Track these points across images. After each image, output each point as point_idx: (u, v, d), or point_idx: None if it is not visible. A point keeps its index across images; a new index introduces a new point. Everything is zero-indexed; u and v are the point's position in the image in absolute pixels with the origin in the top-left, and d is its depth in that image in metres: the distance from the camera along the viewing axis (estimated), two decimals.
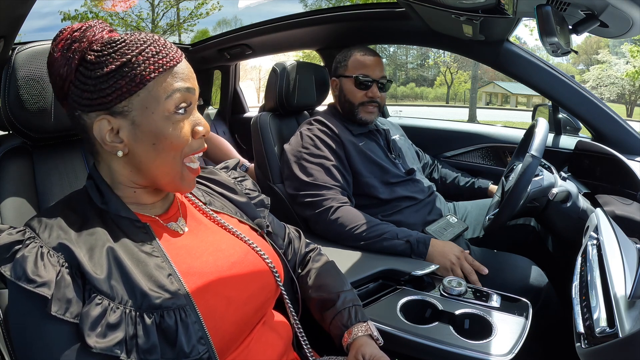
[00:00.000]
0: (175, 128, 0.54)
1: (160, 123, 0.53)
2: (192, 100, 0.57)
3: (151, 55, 0.52)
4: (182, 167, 0.57)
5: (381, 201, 1.23)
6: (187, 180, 0.59)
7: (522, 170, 0.97)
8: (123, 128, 0.53)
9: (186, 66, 0.56)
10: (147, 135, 0.54)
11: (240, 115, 2.58)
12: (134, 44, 0.52)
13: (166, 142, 0.54)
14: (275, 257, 0.68)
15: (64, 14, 9.62)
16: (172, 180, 0.57)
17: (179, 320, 0.50)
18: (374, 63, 1.29)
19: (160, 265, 0.53)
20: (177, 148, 0.55)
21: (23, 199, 0.69)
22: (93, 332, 0.46)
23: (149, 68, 0.52)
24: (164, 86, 0.53)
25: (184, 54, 0.57)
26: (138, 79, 0.52)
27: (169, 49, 0.55)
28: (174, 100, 0.54)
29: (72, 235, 0.51)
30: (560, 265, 1.17)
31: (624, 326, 0.55)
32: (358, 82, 1.28)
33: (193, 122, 0.57)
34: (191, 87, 0.56)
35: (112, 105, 0.52)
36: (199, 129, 0.57)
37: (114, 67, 0.51)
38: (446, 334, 0.76)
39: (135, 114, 0.53)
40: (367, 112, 1.29)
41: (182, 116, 0.55)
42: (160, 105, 0.53)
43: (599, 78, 16.78)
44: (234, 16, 14.62)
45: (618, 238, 0.74)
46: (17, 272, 0.46)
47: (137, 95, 0.52)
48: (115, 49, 0.52)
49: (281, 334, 0.67)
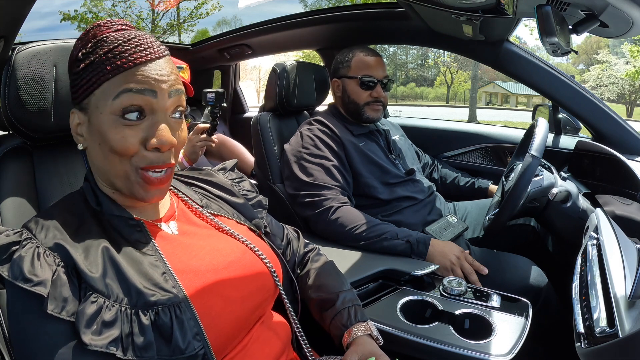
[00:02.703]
0: (118, 133, 0.51)
1: (105, 125, 0.52)
2: (151, 107, 0.52)
3: (113, 56, 0.52)
4: (135, 175, 0.54)
5: (381, 201, 1.23)
6: (142, 190, 0.54)
7: (522, 170, 0.97)
8: (83, 123, 0.55)
9: (155, 68, 0.53)
10: (95, 135, 0.54)
11: (240, 115, 2.58)
12: (107, 44, 0.53)
13: (108, 145, 0.52)
14: (274, 257, 0.68)
15: (63, 14, 9.64)
16: (125, 186, 0.55)
17: (173, 316, 0.50)
18: (377, 63, 1.30)
19: (154, 263, 0.54)
20: (122, 154, 0.52)
21: (23, 199, 0.69)
22: (88, 330, 0.46)
23: (106, 68, 0.52)
24: (115, 87, 0.51)
25: (162, 55, 0.54)
26: (95, 79, 0.52)
27: (142, 49, 0.52)
28: (121, 101, 0.51)
29: (68, 236, 0.51)
30: (560, 265, 1.17)
31: (624, 326, 0.55)
32: (362, 83, 1.28)
33: (146, 131, 0.52)
34: (150, 89, 0.52)
35: (79, 101, 0.55)
36: (152, 140, 0.52)
37: (84, 66, 0.53)
38: (446, 334, 0.76)
39: (91, 111, 0.54)
40: (374, 110, 1.30)
41: (132, 122, 0.52)
42: (107, 106, 0.52)
43: (599, 78, 16.79)
44: (234, 16, 14.66)
45: (618, 238, 0.74)
46: (14, 272, 0.46)
47: (93, 95, 0.53)
48: (94, 48, 0.53)
49: (280, 334, 0.67)
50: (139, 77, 0.52)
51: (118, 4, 10.47)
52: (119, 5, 10.50)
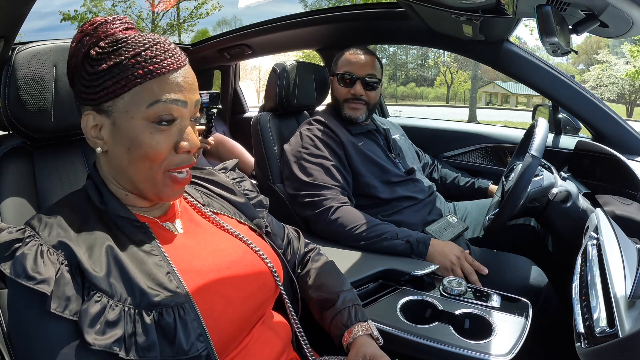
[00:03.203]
0: (153, 139, 0.52)
1: (138, 130, 0.52)
2: (181, 115, 0.54)
3: (143, 60, 0.51)
4: (162, 177, 0.55)
5: (381, 201, 1.23)
6: (169, 190, 0.56)
7: (522, 170, 0.97)
8: (105, 127, 0.54)
9: (183, 76, 0.54)
10: (124, 139, 0.53)
11: (240, 115, 2.58)
12: (132, 46, 0.52)
13: (140, 150, 0.53)
14: (275, 257, 0.68)
15: (63, 14, 9.63)
16: (151, 188, 0.56)
17: (177, 317, 0.50)
18: (361, 61, 1.29)
19: (158, 263, 0.53)
20: (153, 159, 0.53)
21: (23, 199, 0.69)
22: (92, 330, 0.46)
23: (137, 72, 0.51)
24: (148, 93, 0.51)
25: (186, 62, 0.55)
26: (124, 82, 0.51)
27: (169, 55, 0.53)
28: (156, 110, 0.52)
29: (71, 234, 0.51)
30: (560, 265, 1.17)
31: (624, 326, 0.55)
32: (341, 78, 1.30)
33: (178, 136, 0.54)
34: (181, 99, 0.53)
35: (99, 102, 0.53)
36: (183, 144, 0.54)
37: (106, 67, 0.51)
38: (446, 334, 0.76)
39: (117, 115, 0.53)
40: (351, 109, 1.30)
41: (164, 127, 0.53)
42: (140, 112, 0.52)
43: (599, 78, 16.78)
44: (234, 16, 14.66)
45: (618, 238, 0.74)
46: (16, 270, 0.46)
47: (121, 98, 0.52)
48: (115, 48, 0.52)
49: (280, 334, 0.67)
50: (173, 86, 0.53)
51: (118, 4, 10.48)
52: (119, 5, 10.50)
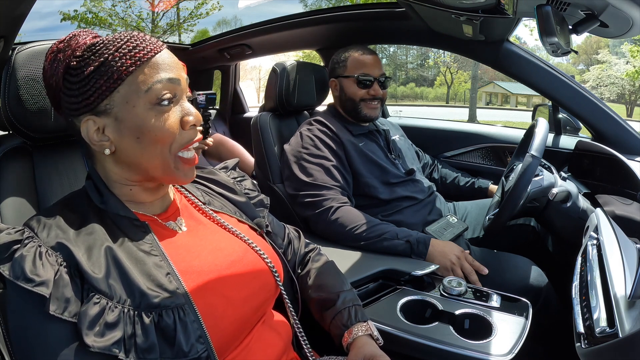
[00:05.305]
0: (159, 120, 0.53)
1: (142, 116, 0.53)
2: (178, 91, 0.56)
3: (128, 51, 0.53)
4: (174, 160, 0.56)
5: (381, 201, 1.23)
6: (182, 170, 0.57)
7: (522, 170, 0.97)
8: (108, 126, 0.54)
9: (168, 57, 0.56)
10: (130, 130, 0.54)
11: (240, 115, 2.58)
12: (111, 43, 0.53)
13: (150, 135, 0.53)
14: (275, 256, 0.68)
15: (63, 14, 9.63)
16: (165, 172, 0.57)
17: (177, 319, 0.50)
18: (373, 61, 1.30)
19: (158, 264, 0.53)
20: (163, 141, 0.54)
21: (23, 199, 0.69)
22: (91, 331, 0.46)
23: (126, 63, 0.52)
24: (143, 79, 0.53)
25: (164, 45, 0.56)
26: (116, 76, 0.52)
27: (148, 42, 0.54)
28: (155, 91, 0.53)
29: (70, 235, 0.51)
30: (560, 265, 1.17)
31: (624, 326, 0.55)
32: (359, 82, 1.28)
33: (181, 112, 0.56)
34: (174, 77, 0.55)
35: (95, 105, 0.53)
36: (188, 118, 0.56)
37: (93, 68, 0.52)
38: (446, 334, 0.76)
39: (117, 110, 0.53)
40: (370, 108, 1.30)
41: (167, 107, 0.54)
42: (140, 98, 0.53)
43: (599, 78, 16.78)
44: (234, 16, 14.66)
45: (618, 238, 0.74)
46: (15, 272, 0.46)
47: (117, 92, 0.53)
48: (94, 51, 0.53)
49: (281, 334, 0.67)
50: (163, 66, 0.54)
51: (118, 4, 10.47)
52: (119, 5, 10.50)
